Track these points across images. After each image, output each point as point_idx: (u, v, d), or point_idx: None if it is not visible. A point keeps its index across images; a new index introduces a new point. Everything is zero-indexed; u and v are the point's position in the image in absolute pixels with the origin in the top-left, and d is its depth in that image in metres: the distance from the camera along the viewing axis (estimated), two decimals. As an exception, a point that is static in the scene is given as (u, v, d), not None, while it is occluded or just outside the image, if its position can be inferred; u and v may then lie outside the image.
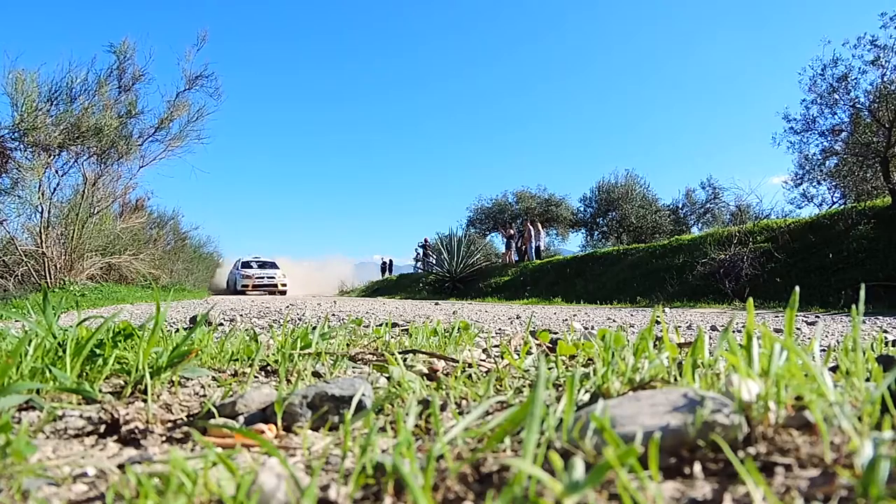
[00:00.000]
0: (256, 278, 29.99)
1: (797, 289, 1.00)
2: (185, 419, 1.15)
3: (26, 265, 16.15)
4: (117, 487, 0.73)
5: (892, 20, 13.82)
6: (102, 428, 1.07)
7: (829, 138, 15.85)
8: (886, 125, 13.81)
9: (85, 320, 1.54)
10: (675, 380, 1.09)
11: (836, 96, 15.02)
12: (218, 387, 1.48)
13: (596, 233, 33.13)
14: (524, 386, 1.42)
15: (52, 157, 15.90)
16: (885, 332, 4.77)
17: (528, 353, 1.81)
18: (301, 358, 1.84)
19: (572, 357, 1.94)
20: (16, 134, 14.85)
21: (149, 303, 13.89)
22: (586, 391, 1.09)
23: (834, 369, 1.27)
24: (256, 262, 32.05)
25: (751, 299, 1.08)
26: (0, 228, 16.11)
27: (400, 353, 1.75)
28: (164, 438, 1.04)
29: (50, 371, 1.25)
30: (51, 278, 16.18)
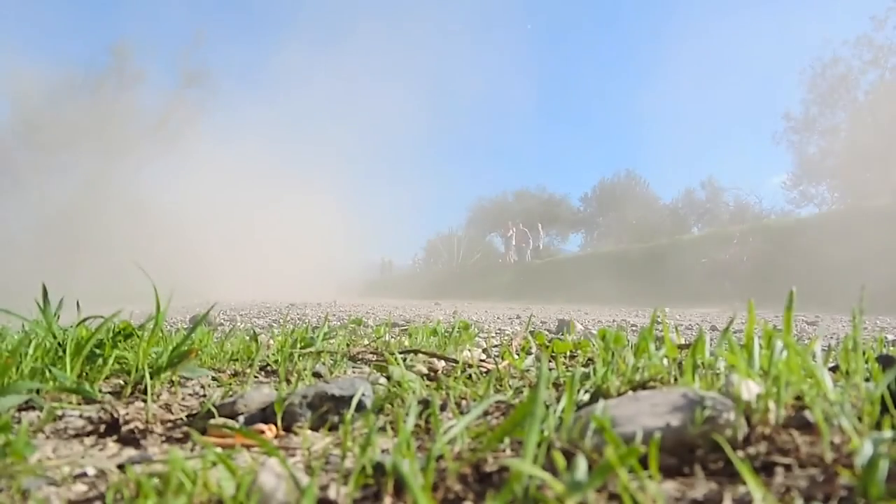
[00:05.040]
0: None
1: (794, 289, 1.00)
2: (185, 419, 1.15)
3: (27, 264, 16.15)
4: (117, 487, 0.73)
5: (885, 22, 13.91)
6: (102, 428, 1.06)
7: (828, 138, 15.89)
8: (885, 125, 13.83)
9: (85, 320, 1.54)
10: (676, 380, 1.09)
11: (836, 96, 15.06)
12: (218, 387, 1.48)
13: (596, 232, 33.23)
14: (524, 386, 1.42)
15: (52, 157, 15.92)
16: (883, 328, 4.77)
17: (528, 353, 1.81)
18: (301, 358, 1.84)
19: (572, 357, 1.94)
20: (16, 134, 14.86)
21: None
22: (586, 391, 1.09)
23: (834, 369, 1.27)
24: None
25: (751, 299, 1.08)
26: (0, 228, 16.11)
27: (400, 352, 1.75)
28: (163, 438, 1.03)
29: (50, 371, 1.25)
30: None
